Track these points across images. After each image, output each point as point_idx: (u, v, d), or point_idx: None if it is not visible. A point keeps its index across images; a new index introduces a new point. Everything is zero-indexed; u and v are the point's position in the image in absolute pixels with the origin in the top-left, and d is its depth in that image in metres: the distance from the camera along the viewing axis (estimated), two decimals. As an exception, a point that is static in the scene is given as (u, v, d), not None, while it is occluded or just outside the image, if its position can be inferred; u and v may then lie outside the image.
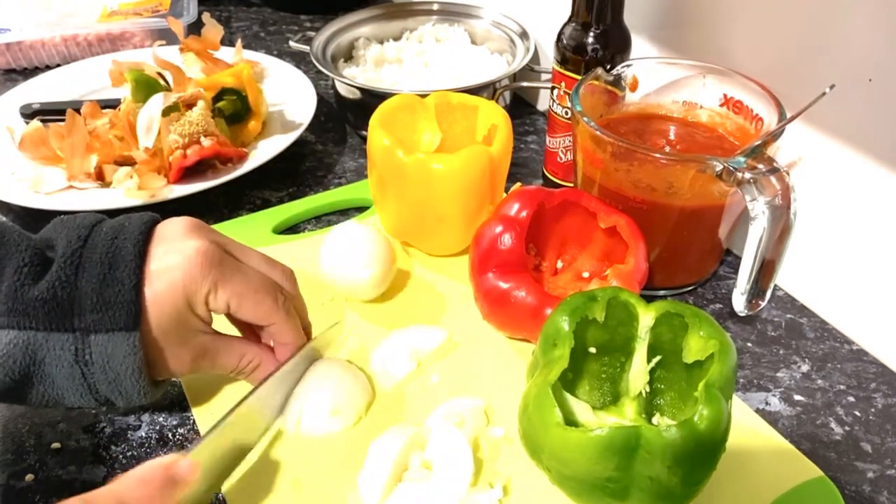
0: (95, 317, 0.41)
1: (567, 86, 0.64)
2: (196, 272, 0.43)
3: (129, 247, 0.43)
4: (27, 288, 0.41)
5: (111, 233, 0.44)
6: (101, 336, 0.41)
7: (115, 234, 0.44)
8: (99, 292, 0.41)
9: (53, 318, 0.41)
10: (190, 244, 0.44)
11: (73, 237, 0.43)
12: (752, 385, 0.54)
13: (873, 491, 0.47)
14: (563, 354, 0.41)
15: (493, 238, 0.53)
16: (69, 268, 0.42)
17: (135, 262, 0.42)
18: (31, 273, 0.41)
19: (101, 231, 0.44)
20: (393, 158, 0.57)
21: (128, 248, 0.43)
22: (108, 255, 0.42)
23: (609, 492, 0.38)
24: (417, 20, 0.93)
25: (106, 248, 0.43)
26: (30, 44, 0.98)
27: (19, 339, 0.40)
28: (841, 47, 0.52)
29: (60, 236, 0.43)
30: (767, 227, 0.50)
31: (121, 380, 0.42)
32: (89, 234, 0.44)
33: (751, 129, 0.58)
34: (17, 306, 0.40)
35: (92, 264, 0.42)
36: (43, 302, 0.41)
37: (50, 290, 0.41)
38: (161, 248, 0.44)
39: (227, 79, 0.77)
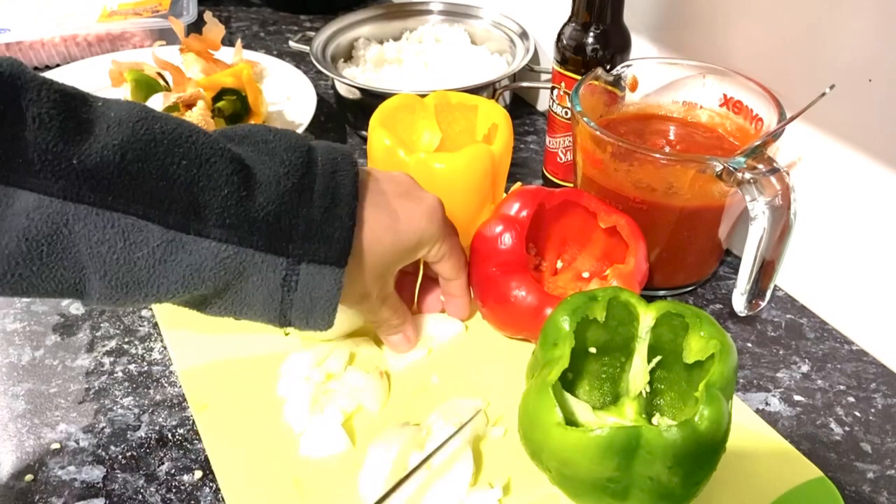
0: (311, 246, 0.41)
1: (567, 86, 0.64)
2: (436, 222, 0.48)
3: (349, 185, 0.43)
4: (246, 203, 0.40)
5: (329, 165, 0.44)
6: (311, 266, 0.42)
7: (334, 167, 0.44)
8: (319, 224, 0.42)
9: (274, 241, 0.41)
10: (430, 196, 0.49)
11: (294, 161, 0.42)
12: (752, 385, 0.54)
13: (873, 491, 0.47)
14: (563, 354, 0.41)
15: (494, 238, 0.53)
16: (293, 194, 0.41)
17: (353, 203, 0.43)
18: (242, 183, 0.40)
19: (318, 159, 0.44)
20: (394, 158, 0.57)
21: (347, 186, 0.43)
22: (329, 189, 0.42)
23: (609, 492, 0.38)
24: (417, 20, 0.93)
25: (327, 183, 0.43)
26: (29, 44, 0.98)
27: (238, 255, 0.40)
28: (841, 47, 0.52)
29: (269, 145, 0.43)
30: (767, 227, 0.50)
31: (315, 309, 0.43)
32: (307, 159, 0.43)
33: (751, 130, 0.58)
34: (238, 222, 0.40)
35: (315, 195, 0.42)
36: (268, 224, 0.40)
37: (275, 213, 0.40)
38: (399, 188, 0.47)
39: (226, 79, 0.77)
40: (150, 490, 0.47)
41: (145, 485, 0.47)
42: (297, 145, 0.43)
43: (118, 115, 0.38)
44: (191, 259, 0.39)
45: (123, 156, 0.37)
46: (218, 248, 0.39)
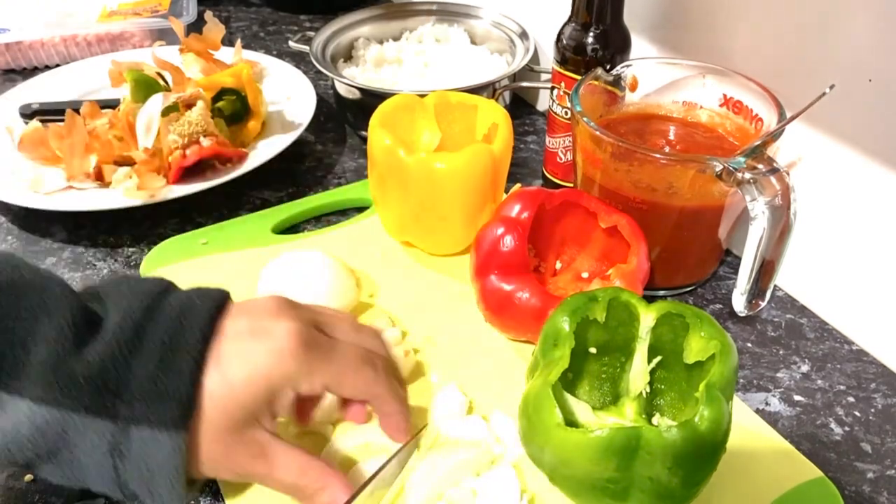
0: (143, 408, 0.35)
1: (567, 86, 0.64)
2: (288, 357, 0.38)
3: (195, 329, 0.37)
4: (71, 358, 0.35)
5: (178, 308, 0.38)
6: (144, 430, 0.35)
7: (183, 310, 0.38)
8: (153, 379, 0.36)
9: (97, 401, 0.35)
10: (281, 325, 0.39)
11: (135, 305, 0.37)
12: (752, 385, 0.54)
13: (873, 491, 0.47)
14: (563, 355, 0.41)
15: (495, 240, 0.53)
16: (126, 345, 0.36)
17: (197, 347, 0.37)
18: (76, 338, 0.36)
19: (168, 303, 0.38)
20: (394, 158, 0.57)
21: (193, 330, 0.37)
22: (170, 335, 0.37)
23: (609, 492, 0.38)
24: (417, 20, 0.93)
25: (169, 327, 0.37)
26: (29, 44, 0.98)
27: (54, 418, 0.35)
28: (841, 47, 0.52)
29: (120, 300, 0.38)
30: (767, 227, 0.50)
31: (155, 480, 0.36)
32: (156, 305, 0.38)
33: (751, 130, 0.58)
34: (58, 380, 0.34)
35: (152, 344, 0.36)
36: (90, 381, 0.35)
37: (100, 368, 0.35)
38: (241, 325, 0.39)
39: (226, 79, 0.77)
40: (150, 490, 0.47)
41: (145, 485, 0.47)
42: (147, 292, 0.38)
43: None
44: (4, 422, 0.34)
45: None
46: (33, 411, 0.34)
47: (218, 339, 0.38)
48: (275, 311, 0.40)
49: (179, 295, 0.39)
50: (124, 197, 0.67)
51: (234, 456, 0.38)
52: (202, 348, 0.37)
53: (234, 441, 0.38)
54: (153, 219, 0.71)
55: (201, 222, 0.70)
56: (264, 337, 0.38)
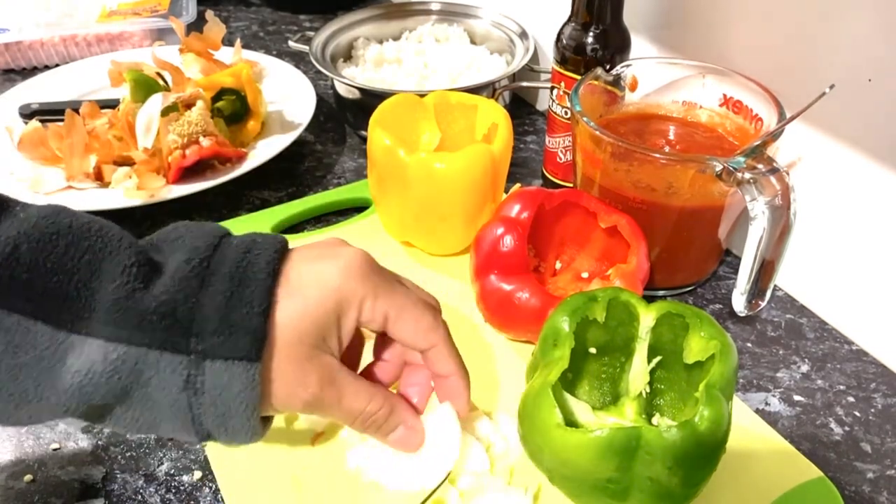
0: (215, 340, 0.35)
1: (566, 86, 0.64)
2: (356, 276, 0.38)
3: (262, 263, 0.37)
4: (139, 295, 0.34)
5: (242, 245, 0.38)
6: (217, 363, 0.35)
7: (248, 247, 0.38)
8: (224, 312, 0.35)
9: (171, 336, 0.35)
10: (345, 250, 0.39)
11: (199, 244, 0.37)
12: (752, 385, 0.54)
13: (873, 491, 0.47)
14: (563, 355, 0.41)
15: (495, 240, 0.53)
16: (194, 279, 0.35)
17: (267, 281, 0.36)
18: (141, 275, 0.35)
19: (231, 242, 0.38)
20: (394, 158, 0.57)
21: (260, 264, 0.37)
22: (237, 269, 0.36)
23: (609, 492, 0.38)
24: (417, 20, 0.93)
25: (236, 262, 0.36)
26: (29, 44, 0.98)
27: (129, 355, 0.34)
28: (841, 47, 0.52)
29: (182, 240, 0.38)
30: (767, 227, 0.50)
31: (230, 415, 0.36)
32: (218, 243, 0.38)
33: (750, 129, 0.58)
34: (128, 316, 0.34)
35: (219, 278, 0.36)
36: (161, 316, 0.34)
37: (170, 303, 0.35)
38: (311, 253, 0.39)
39: (226, 79, 0.77)
40: (150, 490, 0.47)
41: (145, 485, 0.47)
42: (209, 233, 0.38)
43: (29, 213, 0.35)
44: (80, 363, 0.34)
45: (16, 247, 0.33)
46: (107, 349, 0.34)
47: (286, 269, 0.38)
48: (335, 244, 0.40)
49: (240, 236, 0.39)
50: (124, 197, 0.67)
51: (306, 380, 0.37)
52: (271, 280, 0.36)
53: (307, 363, 0.37)
54: (153, 219, 0.71)
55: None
56: (333, 258, 0.39)
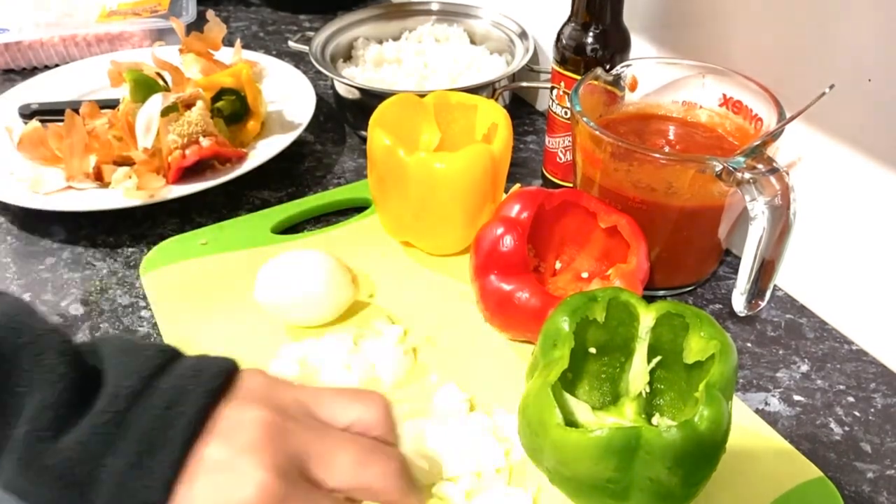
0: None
1: (566, 86, 0.64)
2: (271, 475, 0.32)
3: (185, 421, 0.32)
4: (45, 445, 0.31)
5: (168, 394, 0.33)
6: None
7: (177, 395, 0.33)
8: (120, 481, 0.31)
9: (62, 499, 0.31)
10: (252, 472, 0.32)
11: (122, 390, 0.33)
12: (752, 385, 0.54)
13: (873, 491, 0.47)
14: (562, 355, 0.41)
15: (495, 240, 0.53)
16: (102, 436, 0.32)
17: (179, 448, 0.32)
18: (57, 420, 0.32)
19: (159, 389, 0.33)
20: (394, 158, 0.57)
21: (182, 423, 0.32)
22: (155, 428, 0.32)
23: (609, 492, 0.38)
24: (416, 20, 0.93)
25: (154, 419, 0.32)
26: (28, 44, 0.98)
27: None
28: (841, 47, 0.52)
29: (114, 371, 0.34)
30: (767, 227, 0.50)
31: None
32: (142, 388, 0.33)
33: (750, 129, 0.58)
34: (27, 469, 0.31)
35: (128, 439, 0.32)
36: (58, 476, 0.31)
37: (70, 463, 0.31)
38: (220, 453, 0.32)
39: (225, 79, 0.77)
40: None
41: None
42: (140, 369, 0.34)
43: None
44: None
45: None
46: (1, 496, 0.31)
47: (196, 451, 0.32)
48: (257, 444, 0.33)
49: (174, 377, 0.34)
50: (124, 197, 0.67)
51: None
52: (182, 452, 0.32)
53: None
54: (153, 219, 0.71)
55: (201, 222, 0.70)
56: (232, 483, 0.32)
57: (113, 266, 0.65)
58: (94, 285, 0.63)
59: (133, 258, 0.66)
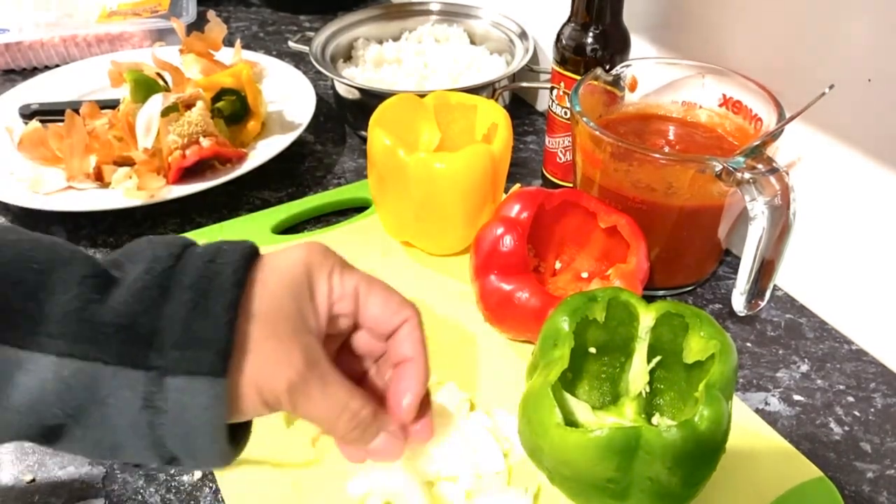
0: (177, 354, 0.32)
1: (566, 86, 0.64)
2: (320, 252, 0.37)
3: (228, 272, 0.34)
4: (94, 307, 0.32)
5: (207, 254, 0.35)
6: (179, 379, 0.32)
7: (212, 255, 0.35)
8: (186, 324, 0.32)
9: (128, 351, 0.32)
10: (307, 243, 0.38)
11: (161, 254, 0.35)
12: (752, 385, 0.54)
13: (873, 491, 0.47)
14: (562, 355, 0.41)
15: (495, 240, 0.53)
16: (155, 289, 0.33)
17: (233, 290, 0.34)
18: (98, 286, 0.32)
19: (195, 252, 0.36)
20: (394, 158, 0.57)
21: (226, 272, 0.34)
22: (201, 279, 0.34)
23: (609, 492, 0.38)
24: (416, 20, 0.93)
25: (200, 272, 0.34)
26: (29, 44, 0.98)
27: (82, 372, 0.31)
28: (841, 47, 0.52)
29: (142, 253, 0.35)
30: (767, 227, 0.50)
31: (194, 435, 0.33)
32: (181, 253, 0.35)
33: (750, 130, 0.58)
34: (81, 329, 0.31)
35: (181, 289, 0.33)
36: (118, 329, 0.32)
37: (128, 315, 0.32)
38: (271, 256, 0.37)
39: (226, 79, 0.77)
40: (150, 490, 0.47)
41: (145, 485, 0.47)
42: (171, 243, 0.36)
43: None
44: (30, 381, 0.31)
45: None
46: (59, 365, 0.31)
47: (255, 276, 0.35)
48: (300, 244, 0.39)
49: (206, 245, 0.37)
50: (124, 197, 0.67)
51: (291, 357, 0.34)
52: (238, 290, 0.34)
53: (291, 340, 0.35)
54: (153, 219, 0.71)
55: (201, 222, 0.70)
56: (295, 247, 0.37)
57: (113, 266, 0.65)
58: (94, 285, 0.63)
59: (133, 258, 0.66)
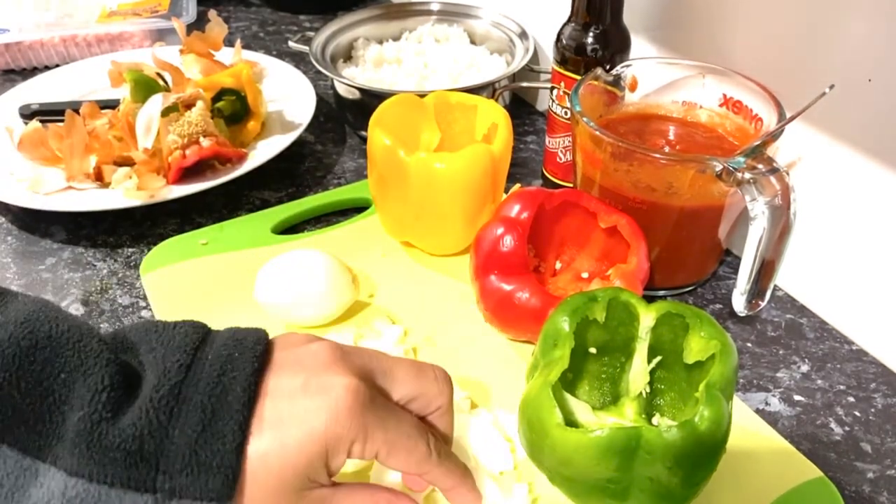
0: (184, 479, 0.32)
1: (566, 86, 0.64)
2: (345, 417, 0.34)
3: (238, 390, 0.34)
4: (105, 426, 0.32)
5: (218, 364, 0.35)
6: (186, 503, 0.32)
7: (223, 367, 0.34)
8: (194, 448, 0.32)
9: (134, 474, 0.32)
10: (337, 380, 0.35)
11: (172, 365, 0.34)
12: (752, 385, 0.54)
13: (873, 491, 0.47)
14: (563, 355, 0.41)
15: (495, 240, 0.53)
16: (163, 410, 0.33)
17: (242, 412, 0.33)
18: (112, 401, 0.32)
19: (206, 360, 0.35)
20: (394, 158, 0.57)
21: (236, 391, 0.34)
22: (210, 397, 0.33)
23: (609, 492, 0.38)
24: (416, 20, 0.93)
25: (209, 388, 0.34)
26: (29, 44, 0.98)
27: (88, 493, 0.31)
28: (841, 47, 0.52)
29: (155, 355, 0.35)
30: (767, 227, 0.50)
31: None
32: (191, 361, 0.35)
33: (750, 130, 0.58)
34: (91, 451, 0.31)
35: (191, 408, 0.33)
36: (126, 453, 0.32)
37: (136, 439, 0.32)
38: (296, 381, 0.35)
39: (226, 79, 0.77)
40: (150, 491, 0.47)
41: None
42: (183, 344, 0.35)
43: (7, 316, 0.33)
44: (39, 494, 0.31)
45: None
46: (67, 483, 0.31)
47: (262, 399, 0.35)
48: (329, 363, 0.36)
49: (217, 347, 0.36)
50: (124, 197, 0.67)
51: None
52: (247, 412, 0.34)
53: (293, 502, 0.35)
54: (153, 219, 0.71)
55: (201, 222, 0.70)
56: (319, 394, 0.35)
57: (113, 266, 0.65)
58: (94, 285, 0.63)
59: (133, 258, 0.66)
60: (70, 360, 0.33)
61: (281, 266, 0.55)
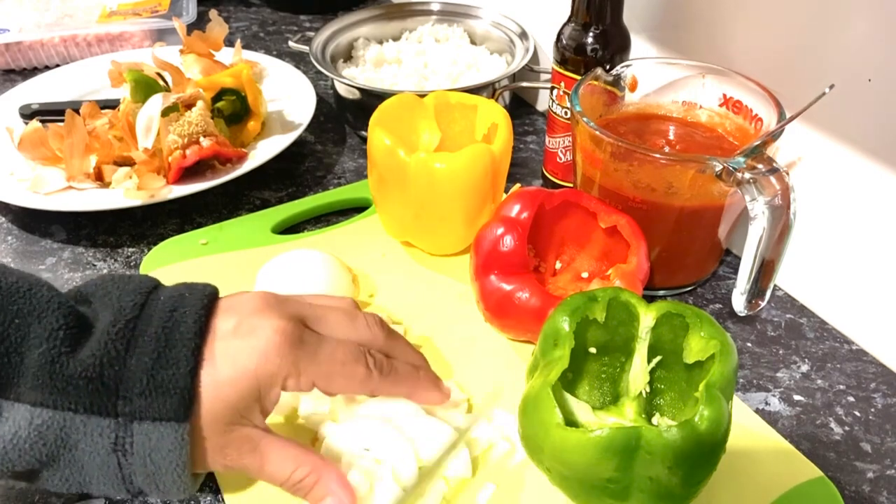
0: (143, 402, 0.36)
1: (566, 86, 0.64)
2: (273, 355, 0.38)
3: (189, 322, 0.37)
4: (65, 359, 0.35)
5: (170, 303, 0.38)
6: (146, 424, 0.36)
7: (175, 304, 0.38)
8: (150, 373, 0.36)
9: (96, 400, 0.35)
10: (265, 322, 0.39)
11: (126, 304, 0.38)
12: (752, 385, 0.54)
13: (873, 491, 0.47)
14: (563, 355, 0.41)
15: (495, 240, 0.53)
16: (120, 341, 0.36)
17: (194, 340, 0.37)
18: (68, 339, 0.36)
19: (159, 300, 0.39)
20: (394, 158, 0.57)
21: (187, 323, 0.37)
22: (164, 329, 0.37)
23: (609, 492, 0.38)
24: (417, 20, 0.93)
25: (163, 321, 0.37)
26: (29, 44, 0.98)
27: (54, 420, 0.35)
28: (841, 47, 0.52)
29: (110, 298, 0.38)
30: (767, 227, 0.50)
31: (161, 473, 0.37)
32: (145, 301, 0.38)
33: (750, 130, 0.58)
34: (54, 381, 0.35)
35: (146, 339, 0.37)
36: (87, 380, 0.35)
37: (96, 367, 0.35)
38: (229, 324, 0.39)
39: (226, 79, 0.77)
40: (150, 491, 0.47)
41: (145, 485, 0.47)
42: (135, 289, 0.39)
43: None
44: (5, 429, 0.34)
45: None
46: (32, 414, 0.35)
47: (209, 337, 0.38)
48: (261, 308, 0.40)
49: (169, 291, 0.40)
50: (124, 197, 0.67)
51: (225, 450, 0.38)
52: (197, 342, 0.37)
53: (224, 437, 0.38)
54: (153, 219, 0.71)
55: (201, 222, 0.70)
56: (250, 335, 0.38)
57: (113, 266, 0.65)
58: (94, 285, 0.63)
59: (133, 258, 0.66)
60: (22, 307, 0.36)
61: (281, 266, 0.56)
